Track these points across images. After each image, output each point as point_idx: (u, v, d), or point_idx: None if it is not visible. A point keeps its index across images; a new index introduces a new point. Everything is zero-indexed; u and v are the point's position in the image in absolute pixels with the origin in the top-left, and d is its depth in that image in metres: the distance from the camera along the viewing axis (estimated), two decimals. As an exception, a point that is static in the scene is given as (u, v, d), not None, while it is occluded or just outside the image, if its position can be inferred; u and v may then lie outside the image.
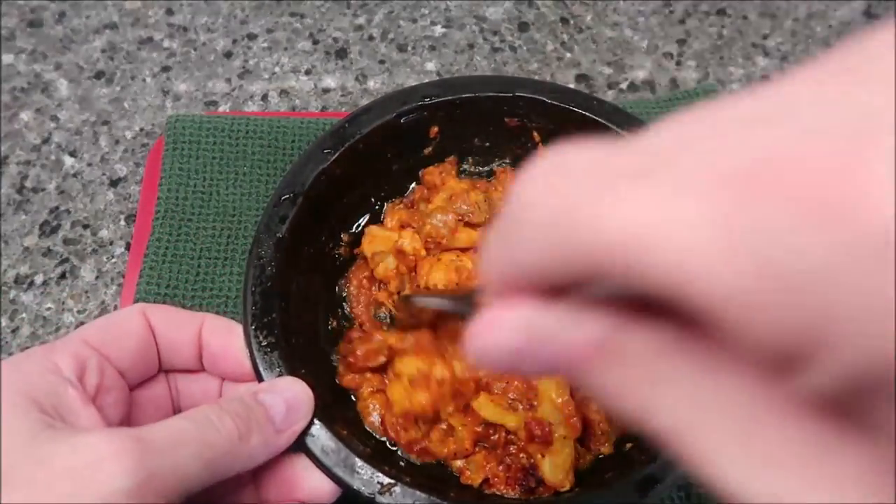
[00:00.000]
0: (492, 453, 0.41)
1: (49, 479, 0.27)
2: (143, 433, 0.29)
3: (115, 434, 0.28)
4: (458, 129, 0.50)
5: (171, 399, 0.39)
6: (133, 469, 0.27)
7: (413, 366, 0.42)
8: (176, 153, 0.55)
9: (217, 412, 0.32)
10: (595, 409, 0.42)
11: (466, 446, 0.41)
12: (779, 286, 0.12)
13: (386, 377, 0.44)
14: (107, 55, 0.66)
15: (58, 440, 0.28)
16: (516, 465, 0.41)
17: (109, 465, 0.27)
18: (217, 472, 0.31)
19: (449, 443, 0.41)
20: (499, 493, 0.40)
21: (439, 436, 0.42)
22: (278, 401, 0.35)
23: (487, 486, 0.41)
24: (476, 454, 0.41)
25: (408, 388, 0.41)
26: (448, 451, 0.41)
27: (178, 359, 0.38)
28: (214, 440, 0.31)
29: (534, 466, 0.40)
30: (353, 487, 0.36)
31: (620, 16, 0.70)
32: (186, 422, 0.31)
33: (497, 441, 0.41)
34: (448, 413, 0.42)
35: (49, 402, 0.30)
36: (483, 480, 0.41)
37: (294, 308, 0.43)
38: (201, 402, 0.37)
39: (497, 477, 0.40)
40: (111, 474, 0.27)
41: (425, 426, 0.42)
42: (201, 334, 0.39)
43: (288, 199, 0.44)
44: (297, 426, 0.36)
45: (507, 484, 0.40)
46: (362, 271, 0.48)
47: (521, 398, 0.41)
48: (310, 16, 0.69)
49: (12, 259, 0.55)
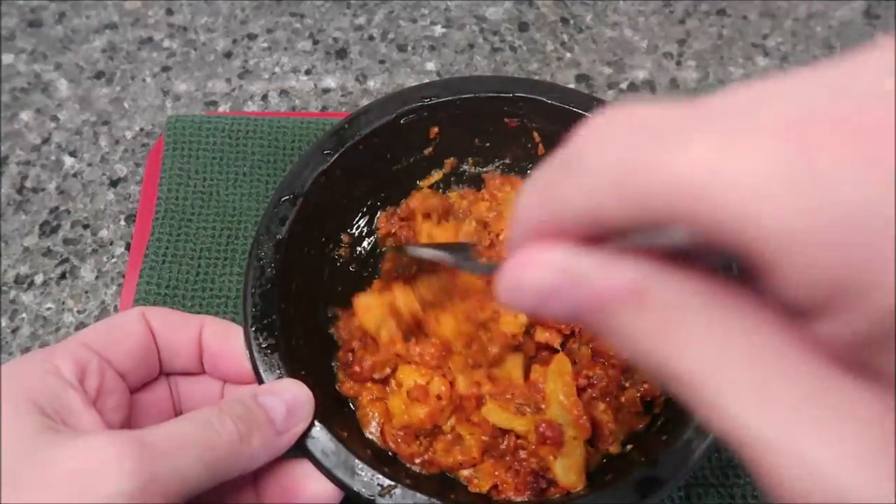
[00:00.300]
0: (500, 461, 0.41)
1: (51, 481, 0.26)
2: (144, 435, 0.29)
3: (117, 436, 0.28)
4: (458, 130, 0.50)
5: (172, 402, 0.39)
6: (135, 471, 0.27)
7: (412, 379, 0.42)
8: (176, 153, 0.55)
9: (218, 414, 0.32)
10: (602, 408, 0.42)
11: (474, 455, 0.41)
12: (836, 224, 0.13)
13: (388, 387, 0.44)
14: (107, 55, 0.66)
15: (59, 443, 0.28)
16: (526, 469, 0.40)
17: (112, 468, 0.27)
18: (218, 474, 0.31)
19: (455, 452, 0.41)
20: (507, 499, 0.40)
21: (445, 445, 0.42)
22: (279, 402, 0.35)
23: (496, 492, 0.40)
24: (483, 463, 0.41)
25: (406, 401, 0.42)
26: (454, 461, 0.41)
27: (178, 361, 0.38)
28: (215, 442, 0.31)
29: (544, 469, 0.40)
30: (353, 489, 0.36)
31: (620, 16, 0.70)
32: (188, 424, 0.31)
33: (506, 449, 0.41)
34: (451, 425, 0.42)
35: (50, 405, 0.30)
36: (491, 487, 0.40)
37: (294, 310, 0.43)
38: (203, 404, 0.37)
39: (506, 483, 0.40)
40: (113, 477, 0.27)
41: (426, 440, 0.42)
42: (201, 336, 0.39)
43: (288, 201, 0.44)
44: (297, 428, 0.36)
45: (516, 490, 0.40)
46: None
47: (528, 402, 0.41)
48: (310, 16, 0.69)
49: (12, 259, 0.55)
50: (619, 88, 0.66)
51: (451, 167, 0.52)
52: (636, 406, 0.43)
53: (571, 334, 0.44)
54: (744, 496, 0.44)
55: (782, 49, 0.68)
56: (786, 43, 0.69)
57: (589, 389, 0.42)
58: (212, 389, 0.40)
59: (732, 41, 0.69)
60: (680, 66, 0.67)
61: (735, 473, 0.45)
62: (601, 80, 0.66)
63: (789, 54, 0.68)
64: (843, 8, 0.71)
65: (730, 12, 0.71)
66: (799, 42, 0.69)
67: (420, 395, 0.41)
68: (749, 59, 0.68)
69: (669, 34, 0.69)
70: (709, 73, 0.67)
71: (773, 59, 0.68)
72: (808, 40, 0.69)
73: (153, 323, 0.37)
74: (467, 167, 0.53)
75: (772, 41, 0.69)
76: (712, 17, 0.70)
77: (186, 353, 0.38)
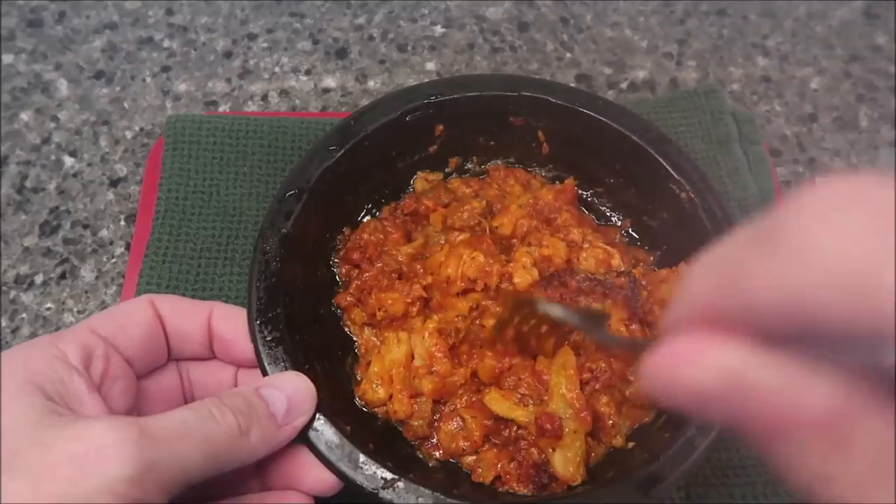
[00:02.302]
0: (503, 451, 0.41)
1: (50, 464, 0.26)
2: (145, 423, 0.29)
3: (118, 422, 0.28)
4: (462, 128, 0.50)
5: (182, 389, 0.39)
6: (134, 457, 0.27)
7: (413, 347, 0.43)
8: (176, 153, 0.55)
9: (219, 406, 0.32)
10: (605, 401, 0.42)
11: (476, 439, 0.41)
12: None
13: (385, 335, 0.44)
14: (107, 55, 0.66)
15: (60, 426, 0.28)
16: (528, 461, 0.40)
17: (111, 453, 0.27)
18: (218, 465, 0.31)
19: (458, 437, 0.42)
20: (512, 490, 0.40)
21: (449, 430, 0.42)
22: (280, 396, 0.35)
23: (500, 483, 0.41)
24: (487, 451, 0.41)
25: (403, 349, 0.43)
26: (456, 446, 0.41)
27: (188, 347, 0.39)
28: (215, 434, 0.31)
29: (545, 462, 0.40)
30: (357, 482, 0.36)
31: (620, 16, 0.70)
32: (189, 413, 0.31)
33: (508, 437, 0.41)
34: (453, 406, 0.43)
35: (54, 389, 0.30)
36: (495, 478, 0.41)
37: (298, 303, 0.43)
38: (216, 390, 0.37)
39: (509, 474, 0.40)
40: (112, 462, 0.27)
41: (426, 405, 0.43)
42: (211, 322, 0.39)
43: (293, 196, 0.44)
44: (298, 421, 0.36)
45: (518, 481, 0.40)
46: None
47: (532, 393, 0.41)
48: (310, 16, 0.69)
49: (12, 259, 0.55)
50: (619, 88, 0.66)
51: (455, 165, 0.52)
52: (641, 399, 0.43)
53: None
54: (744, 496, 0.44)
55: (782, 49, 0.68)
56: (786, 43, 0.69)
57: (592, 382, 0.42)
58: (224, 376, 0.40)
59: (732, 41, 0.69)
60: (680, 66, 0.67)
61: (735, 473, 0.45)
62: (601, 79, 0.66)
63: (789, 54, 0.68)
64: (843, 8, 0.71)
65: (730, 12, 0.71)
66: (799, 42, 0.69)
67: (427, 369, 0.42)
68: (749, 60, 0.68)
69: (669, 34, 0.69)
70: (709, 73, 0.67)
71: (772, 60, 0.68)
72: (808, 40, 0.69)
73: (162, 310, 0.37)
74: (471, 165, 0.53)
75: (772, 41, 0.69)
76: (712, 17, 0.70)
77: (196, 339, 0.38)
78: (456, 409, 0.42)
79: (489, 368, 0.42)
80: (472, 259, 0.43)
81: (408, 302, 0.44)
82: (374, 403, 0.43)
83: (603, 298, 0.43)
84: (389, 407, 0.43)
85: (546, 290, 0.44)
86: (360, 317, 0.46)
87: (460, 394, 0.43)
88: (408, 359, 0.43)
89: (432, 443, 0.42)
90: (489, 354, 0.43)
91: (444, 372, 0.42)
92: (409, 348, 0.43)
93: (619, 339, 0.41)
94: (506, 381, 0.42)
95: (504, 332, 0.40)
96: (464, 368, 0.43)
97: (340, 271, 0.48)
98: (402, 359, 0.43)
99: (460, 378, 0.43)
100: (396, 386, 0.43)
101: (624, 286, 0.44)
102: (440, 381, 0.42)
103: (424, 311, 0.45)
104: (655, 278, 0.46)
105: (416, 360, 0.43)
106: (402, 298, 0.44)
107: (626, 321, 0.43)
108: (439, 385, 0.42)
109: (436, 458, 0.42)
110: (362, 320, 0.46)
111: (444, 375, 0.42)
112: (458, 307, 0.44)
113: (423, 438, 0.43)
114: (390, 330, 0.44)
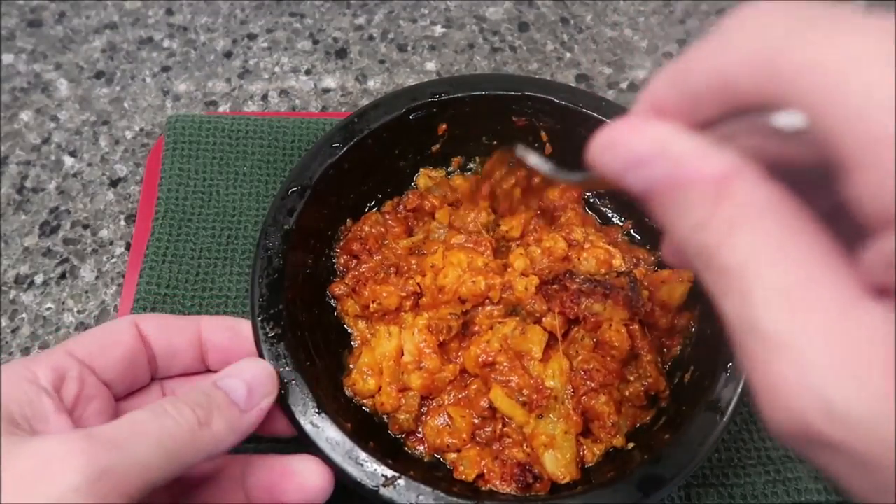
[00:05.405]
0: (486, 449, 0.41)
1: (4, 483, 0.27)
2: (96, 431, 0.29)
3: (68, 435, 0.28)
4: (465, 127, 0.50)
5: None
6: (85, 466, 0.27)
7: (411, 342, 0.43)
8: (176, 153, 0.55)
9: (173, 402, 0.32)
10: (603, 400, 0.42)
11: (464, 437, 0.41)
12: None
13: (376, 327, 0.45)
14: (107, 55, 0.66)
15: (12, 445, 0.28)
16: (512, 460, 0.40)
17: (59, 465, 0.27)
18: (181, 461, 0.31)
19: (443, 433, 0.42)
20: (495, 489, 0.40)
21: (435, 426, 0.42)
22: (238, 383, 0.35)
23: (482, 481, 0.41)
24: (470, 449, 0.41)
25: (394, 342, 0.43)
26: (441, 442, 0.42)
27: (178, 363, 0.39)
28: (172, 429, 0.31)
29: (530, 462, 0.40)
30: (357, 480, 0.36)
31: (620, 16, 0.70)
32: (142, 413, 0.31)
33: (492, 435, 0.42)
34: (441, 402, 0.43)
35: (20, 411, 0.30)
36: (478, 476, 0.41)
37: (300, 300, 0.43)
38: None
39: (492, 472, 0.40)
40: (62, 474, 0.27)
41: (413, 400, 0.43)
42: (201, 336, 0.39)
43: (296, 192, 0.44)
44: (264, 403, 0.36)
45: (502, 479, 0.40)
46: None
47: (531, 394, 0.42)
48: (310, 16, 0.69)
49: (12, 259, 0.55)
50: (619, 88, 0.66)
51: (458, 165, 0.52)
52: (640, 399, 0.43)
53: (576, 320, 0.44)
54: (744, 496, 0.44)
55: (782, 49, 0.68)
56: (785, 43, 0.69)
57: (589, 381, 0.42)
58: None
59: (732, 41, 0.69)
60: (680, 66, 0.67)
61: (735, 473, 0.45)
62: (601, 79, 0.66)
63: (789, 54, 0.68)
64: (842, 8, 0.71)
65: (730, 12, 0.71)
66: (799, 42, 0.69)
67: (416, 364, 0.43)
68: (749, 59, 0.68)
69: (669, 34, 0.69)
70: (709, 73, 0.67)
71: (772, 59, 0.68)
72: (808, 40, 0.69)
73: (147, 329, 0.38)
74: (474, 165, 0.53)
75: (771, 41, 0.69)
76: (712, 17, 0.70)
77: (185, 355, 0.39)
78: (443, 405, 0.43)
79: (473, 357, 0.43)
80: (473, 283, 0.43)
81: (402, 296, 0.44)
82: (363, 394, 0.43)
83: (603, 299, 0.43)
84: (377, 399, 0.43)
85: (546, 295, 0.44)
86: (353, 308, 0.46)
87: (448, 390, 0.43)
88: (398, 353, 0.43)
89: (417, 437, 0.43)
90: (473, 343, 0.43)
91: (433, 368, 0.43)
92: (400, 343, 0.43)
93: (579, 173, 0.40)
94: (507, 384, 0.42)
95: (482, 186, 0.40)
96: (453, 365, 0.43)
97: (339, 261, 0.48)
98: (393, 352, 0.43)
99: (449, 374, 0.43)
100: (385, 379, 0.43)
101: (624, 286, 0.44)
102: (429, 376, 0.43)
103: (416, 307, 0.45)
104: (657, 279, 0.46)
105: (405, 356, 0.43)
106: (396, 292, 0.44)
107: (627, 321, 0.44)
108: (428, 381, 0.43)
109: (420, 453, 0.42)
110: (355, 312, 0.46)
111: (433, 372, 0.43)
112: (451, 306, 0.44)
113: (408, 433, 0.43)
114: (382, 323, 0.45)
